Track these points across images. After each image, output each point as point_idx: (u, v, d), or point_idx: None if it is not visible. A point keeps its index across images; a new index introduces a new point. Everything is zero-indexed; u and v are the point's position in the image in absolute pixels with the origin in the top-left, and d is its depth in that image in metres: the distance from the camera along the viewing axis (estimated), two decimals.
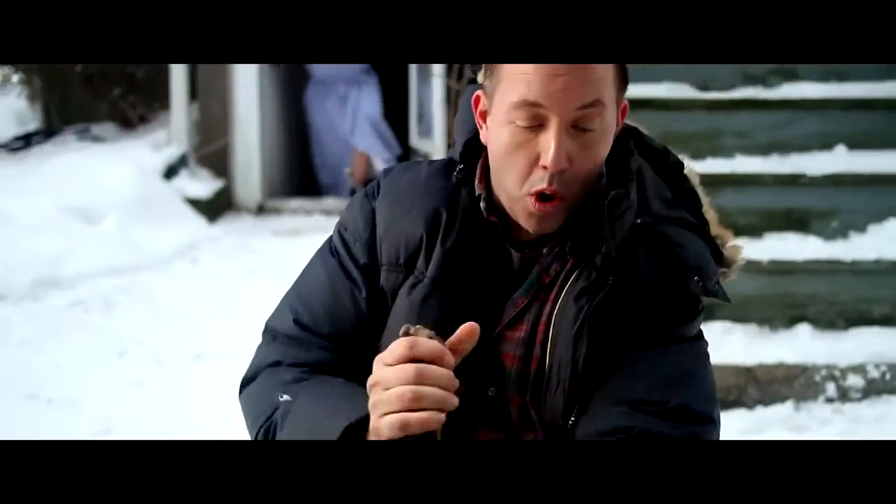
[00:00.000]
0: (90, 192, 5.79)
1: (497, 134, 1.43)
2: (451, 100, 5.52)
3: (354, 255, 1.52)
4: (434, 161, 1.59)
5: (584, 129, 1.40)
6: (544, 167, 1.39)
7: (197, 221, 6.24)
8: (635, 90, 3.92)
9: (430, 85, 6.29)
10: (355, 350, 1.49)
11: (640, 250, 1.45)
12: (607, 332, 1.42)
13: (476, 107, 1.50)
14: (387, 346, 1.31)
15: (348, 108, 7.54)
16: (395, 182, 1.54)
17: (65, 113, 7.42)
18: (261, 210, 7.05)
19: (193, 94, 6.96)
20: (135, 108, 7.07)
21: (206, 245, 5.98)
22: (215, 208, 6.70)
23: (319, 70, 7.46)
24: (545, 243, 1.47)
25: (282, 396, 1.44)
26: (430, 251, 1.48)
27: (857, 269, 3.75)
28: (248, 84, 6.93)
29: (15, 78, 7.42)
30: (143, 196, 5.98)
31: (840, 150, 4.10)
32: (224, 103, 7.07)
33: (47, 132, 7.35)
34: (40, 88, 7.43)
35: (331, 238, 1.57)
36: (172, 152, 6.62)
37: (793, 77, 4.34)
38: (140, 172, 6.15)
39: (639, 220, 1.46)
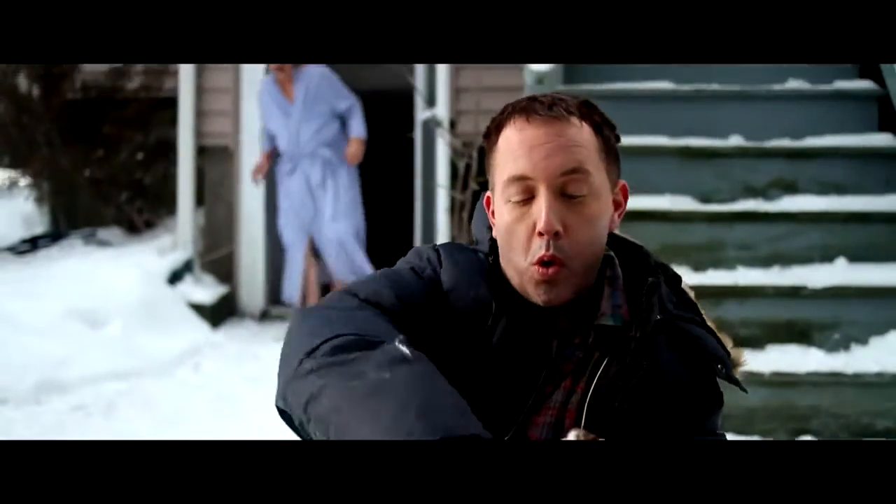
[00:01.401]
0: (95, 296, 5.82)
1: (499, 215, 1.55)
2: (456, 210, 5.57)
3: (421, 275, 1.58)
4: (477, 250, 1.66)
5: (572, 196, 1.50)
6: (540, 233, 1.48)
7: (200, 327, 6.26)
8: (637, 202, 3.99)
9: (435, 196, 6.37)
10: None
11: (663, 340, 1.52)
12: (639, 419, 1.47)
13: (487, 206, 1.63)
14: None
15: (315, 195, 6.67)
16: (454, 257, 1.60)
17: (72, 217, 7.49)
18: (264, 316, 7.06)
19: (200, 200, 7.05)
20: (141, 214, 7.14)
21: (209, 351, 5.99)
22: (219, 314, 6.72)
23: (281, 140, 6.66)
24: (575, 332, 1.53)
25: (401, 344, 1.40)
26: (482, 332, 1.53)
27: (859, 382, 3.75)
28: (253, 191, 7.00)
29: (23, 181, 7.51)
30: (148, 301, 6.00)
31: (841, 262, 4.12)
32: (230, 210, 7.14)
33: (54, 236, 7.42)
34: (48, 192, 7.52)
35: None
36: (178, 257, 6.67)
37: (793, 190, 4.39)
38: (145, 277, 6.19)
39: (658, 316, 1.53)
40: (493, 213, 1.60)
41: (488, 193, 1.62)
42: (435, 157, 6.40)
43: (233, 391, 5.21)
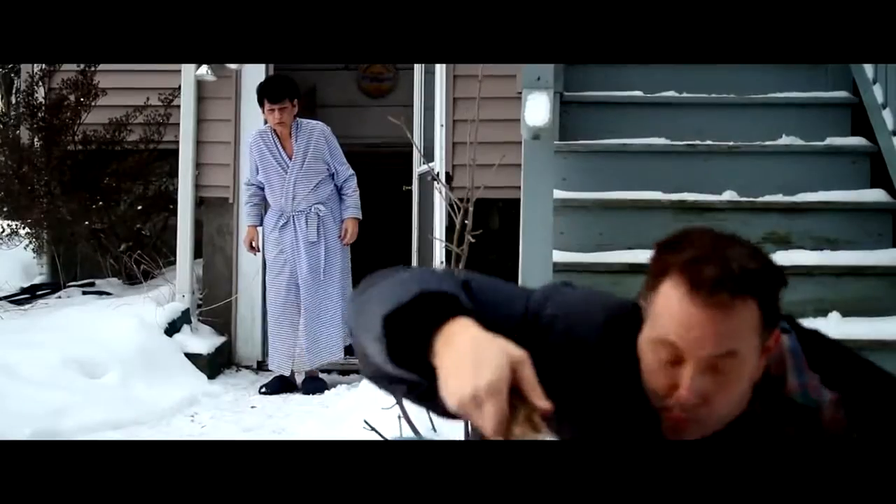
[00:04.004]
0: (93, 345, 5.84)
1: (646, 343, 1.52)
2: (452, 262, 5.61)
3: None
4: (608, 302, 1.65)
5: (716, 370, 1.47)
6: (678, 398, 1.48)
7: (197, 377, 6.28)
8: (632, 256, 4.02)
9: (432, 248, 6.40)
10: None
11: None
12: None
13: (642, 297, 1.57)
14: None
15: (309, 252, 6.44)
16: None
17: (70, 267, 7.53)
18: (260, 367, 7.07)
19: (198, 251, 7.08)
20: (139, 264, 7.17)
21: (206, 401, 5.99)
22: (216, 364, 6.73)
23: (273, 194, 6.50)
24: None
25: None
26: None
27: None
28: None
29: (22, 231, 7.54)
30: (145, 350, 6.02)
31: (834, 316, 4.15)
32: (228, 261, 7.18)
33: (53, 285, 7.44)
34: (47, 241, 7.55)
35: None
36: (175, 308, 6.68)
37: (786, 244, 4.43)
38: (143, 327, 6.21)
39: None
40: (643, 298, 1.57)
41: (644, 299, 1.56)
42: (432, 209, 6.45)
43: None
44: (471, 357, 1.31)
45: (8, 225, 7.57)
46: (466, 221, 5.40)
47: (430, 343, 1.37)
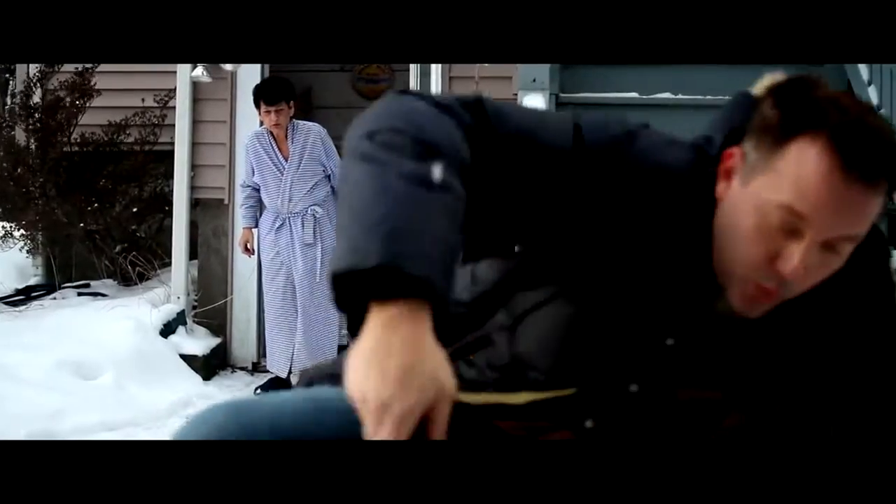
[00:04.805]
0: (88, 347, 5.83)
1: (741, 213, 1.34)
2: None
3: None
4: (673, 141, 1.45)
5: (831, 250, 1.32)
6: (778, 272, 1.32)
7: (192, 378, 6.27)
8: None
9: None
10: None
11: None
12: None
13: (726, 160, 1.39)
14: None
15: (305, 253, 6.41)
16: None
17: (65, 268, 7.52)
18: (255, 369, 7.07)
19: (193, 252, 7.08)
20: (135, 266, 7.16)
21: (201, 402, 5.98)
22: (211, 366, 6.73)
23: (269, 195, 6.46)
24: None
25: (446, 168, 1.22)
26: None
27: None
28: None
29: (17, 232, 7.53)
30: (140, 352, 6.01)
31: None
32: (223, 262, 7.18)
33: (48, 287, 7.43)
34: (42, 243, 7.54)
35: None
36: (171, 309, 6.68)
37: None
38: (138, 329, 6.20)
39: None
40: (727, 172, 1.38)
41: (734, 150, 1.38)
42: None
43: None
44: (401, 361, 1.10)
45: (2, 226, 7.56)
46: None
47: (368, 309, 1.14)
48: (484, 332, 1.49)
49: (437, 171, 1.19)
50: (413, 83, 7.07)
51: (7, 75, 9.68)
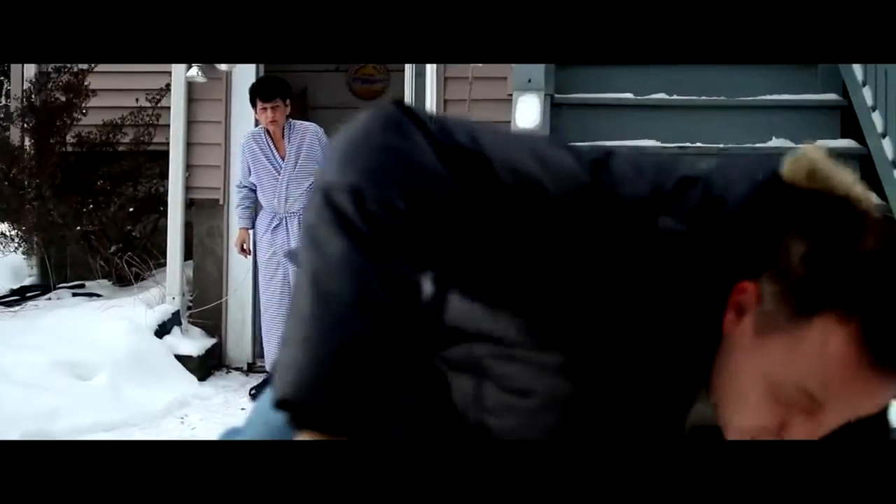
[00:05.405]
0: (83, 347, 5.83)
1: (750, 374, 1.18)
2: None
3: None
4: None
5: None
6: (783, 437, 1.18)
7: (187, 379, 6.27)
8: None
9: None
10: None
11: None
12: None
13: (738, 293, 1.18)
14: None
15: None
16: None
17: (61, 269, 7.51)
18: (251, 369, 7.07)
19: (188, 253, 7.07)
20: (130, 266, 7.16)
21: (196, 403, 5.99)
22: (206, 367, 6.72)
23: (265, 195, 6.46)
24: None
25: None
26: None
27: None
28: None
29: (12, 233, 7.52)
30: (135, 353, 6.01)
31: None
32: (218, 263, 7.17)
33: (43, 287, 7.43)
34: (37, 244, 7.53)
35: None
36: (166, 310, 6.67)
37: None
38: (133, 329, 6.20)
39: None
40: (735, 307, 1.18)
41: (747, 284, 1.17)
42: None
43: None
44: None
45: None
46: None
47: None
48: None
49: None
50: (408, 83, 7.08)
51: (1, 77, 9.67)
